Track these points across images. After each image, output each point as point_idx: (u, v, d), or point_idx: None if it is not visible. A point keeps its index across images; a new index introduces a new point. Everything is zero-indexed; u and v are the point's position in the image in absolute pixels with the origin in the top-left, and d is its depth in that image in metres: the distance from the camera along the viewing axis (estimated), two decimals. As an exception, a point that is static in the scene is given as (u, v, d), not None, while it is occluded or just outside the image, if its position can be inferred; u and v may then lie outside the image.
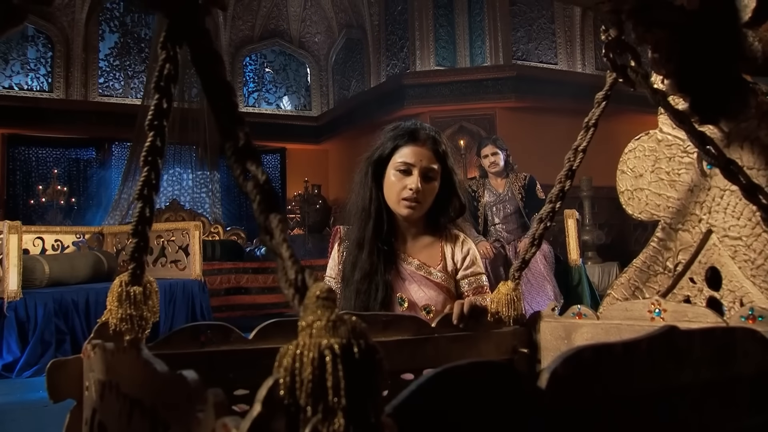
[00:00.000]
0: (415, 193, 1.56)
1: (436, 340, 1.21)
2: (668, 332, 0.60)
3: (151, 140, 0.84)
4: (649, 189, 1.32)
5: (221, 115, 0.58)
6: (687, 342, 0.62)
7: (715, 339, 0.65)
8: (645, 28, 1.12)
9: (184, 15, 0.74)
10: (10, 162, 9.86)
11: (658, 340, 0.59)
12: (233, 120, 0.57)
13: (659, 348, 0.60)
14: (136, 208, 0.91)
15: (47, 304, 3.13)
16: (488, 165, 4.75)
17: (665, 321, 1.10)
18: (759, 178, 1.11)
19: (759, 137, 1.11)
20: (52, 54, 10.08)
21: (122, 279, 0.96)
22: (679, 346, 0.61)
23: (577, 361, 0.54)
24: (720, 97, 1.16)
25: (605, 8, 1.09)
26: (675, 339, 0.61)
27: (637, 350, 0.58)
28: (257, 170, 0.52)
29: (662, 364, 0.60)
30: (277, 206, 0.50)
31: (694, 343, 0.63)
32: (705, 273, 1.21)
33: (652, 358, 0.59)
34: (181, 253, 4.45)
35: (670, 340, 0.60)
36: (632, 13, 1.10)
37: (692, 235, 1.23)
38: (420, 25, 9.34)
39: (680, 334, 0.61)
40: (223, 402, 0.45)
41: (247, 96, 12.33)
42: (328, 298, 0.44)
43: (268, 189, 0.51)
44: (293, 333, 1.15)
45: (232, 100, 0.58)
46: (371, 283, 1.56)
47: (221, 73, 0.62)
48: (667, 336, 0.60)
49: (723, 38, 1.15)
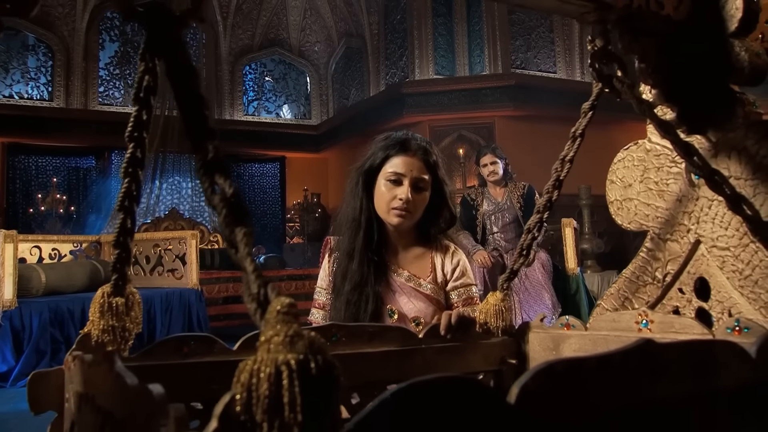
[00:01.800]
0: (405, 203, 1.56)
1: (423, 351, 1.20)
2: (644, 345, 0.60)
3: (131, 151, 0.84)
4: (638, 199, 1.32)
5: (192, 127, 0.57)
6: (663, 355, 0.61)
7: (693, 352, 0.64)
8: (631, 38, 1.12)
9: (162, 27, 0.74)
10: (10, 171, 9.87)
11: (633, 354, 0.59)
12: (204, 133, 0.57)
13: (635, 361, 0.59)
14: (117, 220, 0.91)
15: (43, 314, 3.13)
16: (487, 174, 4.75)
17: (652, 332, 1.10)
18: (746, 188, 1.10)
19: (746, 147, 1.10)
20: (53, 63, 10.12)
21: (104, 290, 0.95)
22: (656, 359, 0.61)
23: (548, 375, 0.53)
24: (707, 107, 1.15)
25: (591, 18, 1.09)
26: (651, 352, 0.60)
27: (611, 364, 0.58)
28: (225, 183, 0.52)
29: (638, 378, 0.59)
30: (243, 220, 0.50)
31: (670, 356, 0.62)
32: (694, 283, 1.21)
33: (627, 372, 0.59)
34: (179, 262, 4.44)
35: (645, 354, 0.60)
36: (618, 23, 1.10)
37: (681, 245, 1.22)
38: (419, 33, 9.37)
39: (656, 348, 0.60)
40: (184, 417, 0.45)
41: (246, 105, 12.35)
42: (289, 312, 0.43)
43: (235, 202, 0.51)
44: (278, 344, 1.13)
45: (203, 113, 0.58)
46: (361, 295, 1.56)
47: (195, 85, 0.62)
48: (642, 349, 0.59)
49: (710, 48, 1.14)
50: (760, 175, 1.08)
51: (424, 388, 0.46)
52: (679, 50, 1.14)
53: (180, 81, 0.63)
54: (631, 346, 0.60)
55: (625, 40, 1.12)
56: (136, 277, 4.72)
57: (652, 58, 1.13)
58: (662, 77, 1.14)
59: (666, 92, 1.15)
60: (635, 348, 0.60)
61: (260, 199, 12.43)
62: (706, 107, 1.15)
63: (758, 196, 1.08)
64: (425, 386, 0.47)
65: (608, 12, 1.08)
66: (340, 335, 1.14)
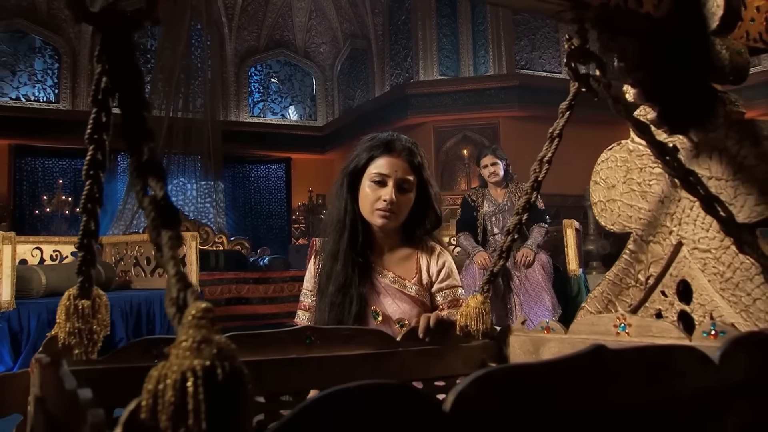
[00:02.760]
0: (389, 204, 1.54)
1: (400, 354, 1.19)
2: (594, 351, 0.58)
3: (91, 154, 0.83)
4: (621, 200, 1.30)
5: (130, 128, 0.56)
6: (617, 361, 0.60)
7: (649, 358, 0.62)
8: (609, 37, 1.10)
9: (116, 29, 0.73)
10: (17, 172, 9.94)
11: (581, 360, 0.57)
12: (141, 134, 0.56)
13: (584, 368, 0.57)
14: (81, 223, 0.90)
15: (41, 315, 3.13)
16: (488, 175, 4.72)
17: (630, 336, 1.08)
18: (727, 189, 1.08)
19: (726, 147, 1.08)
20: (59, 65, 10.19)
21: (70, 293, 0.95)
22: (608, 365, 0.59)
23: (487, 383, 0.51)
24: (689, 106, 1.13)
25: (567, 17, 1.07)
26: (602, 358, 0.58)
27: (557, 371, 0.56)
28: (157, 186, 0.51)
29: (588, 385, 0.58)
30: (171, 223, 0.49)
31: (624, 362, 0.60)
32: (676, 286, 1.19)
33: (576, 379, 0.57)
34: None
35: (596, 360, 0.58)
36: (596, 21, 1.08)
37: (663, 247, 1.20)
38: (423, 34, 9.36)
39: (609, 354, 0.59)
40: (100, 423, 0.44)
41: (252, 106, 12.39)
42: (203, 317, 0.42)
43: (164, 205, 0.50)
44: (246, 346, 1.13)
45: (143, 115, 0.57)
46: (345, 296, 1.54)
47: (139, 87, 0.61)
48: (593, 355, 0.58)
49: (691, 47, 1.12)
50: (740, 176, 1.06)
51: (349, 395, 0.45)
52: (660, 49, 1.12)
53: (124, 81, 0.62)
54: (580, 353, 0.58)
55: (603, 38, 1.10)
56: (137, 279, 4.73)
57: (631, 57, 1.11)
58: (642, 76, 1.12)
59: (646, 91, 1.13)
60: (585, 354, 0.58)
61: (266, 200, 12.45)
62: (688, 107, 1.13)
63: (739, 197, 1.06)
64: (350, 393, 0.45)
65: (585, 10, 1.06)
66: (314, 338, 1.13)
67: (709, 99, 1.12)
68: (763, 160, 1.03)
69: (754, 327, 1.04)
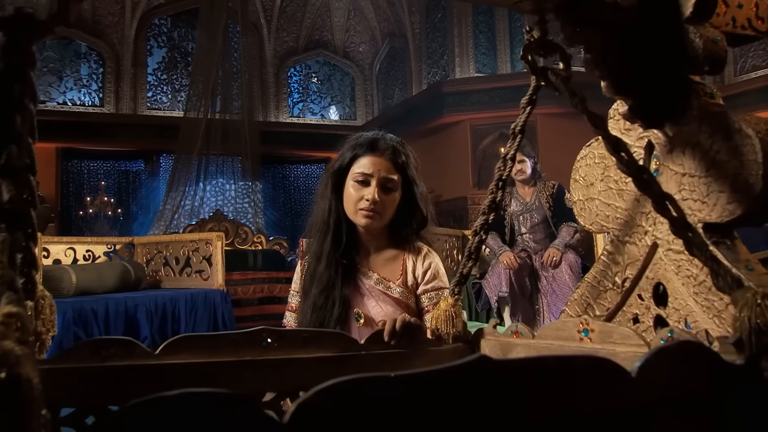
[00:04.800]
0: (372, 203, 1.51)
1: (362, 357, 1.16)
2: (473, 363, 0.54)
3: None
4: (599, 198, 1.24)
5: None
6: (501, 375, 0.55)
7: (543, 371, 0.58)
8: (573, 28, 1.04)
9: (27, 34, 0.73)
10: (63, 175, 10.29)
11: (456, 372, 0.53)
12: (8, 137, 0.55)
13: (458, 382, 0.53)
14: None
15: (66, 313, 3.22)
16: (515, 173, 4.63)
17: (592, 342, 1.03)
18: (700, 187, 1.02)
19: (699, 142, 1.02)
20: (103, 70, 10.51)
21: (13, 294, 0.95)
22: (489, 380, 0.55)
23: (333, 394, 0.49)
24: (662, 99, 1.07)
25: (526, 7, 1.02)
26: (482, 371, 0.54)
27: (422, 382, 0.52)
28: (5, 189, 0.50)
29: (462, 401, 0.54)
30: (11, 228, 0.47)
31: (511, 376, 0.56)
32: (652, 289, 1.12)
33: (445, 394, 0.53)
34: (205, 263, 4.51)
35: (473, 373, 0.54)
36: (558, 11, 1.03)
37: (638, 248, 1.14)
38: (459, 32, 9.26)
39: (490, 365, 0.55)
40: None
41: (291, 107, 12.50)
42: (2, 323, 0.40)
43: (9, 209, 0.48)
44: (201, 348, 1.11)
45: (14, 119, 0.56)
46: (328, 298, 1.52)
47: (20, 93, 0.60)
48: (469, 368, 0.54)
49: (663, 36, 1.06)
50: (713, 172, 1.00)
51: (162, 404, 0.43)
52: (629, 39, 1.06)
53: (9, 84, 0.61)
54: (457, 364, 0.54)
55: (566, 30, 1.04)
56: (166, 278, 4.82)
57: (598, 49, 1.06)
58: (610, 68, 1.06)
59: (615, 84, 1.07)
60: (461, 365, 0.54)
61: (305, 200, 12.54)
62: (661, 99, 1.07)
63: (711, 195, 1.00)
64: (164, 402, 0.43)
65: (545, 0, 1.02)
66: (271, 340, 1.11)
67: (684, 91, 1.06)
68: (735, 155, 0.96)
69: (726, 333, 0.97)
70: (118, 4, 10.36)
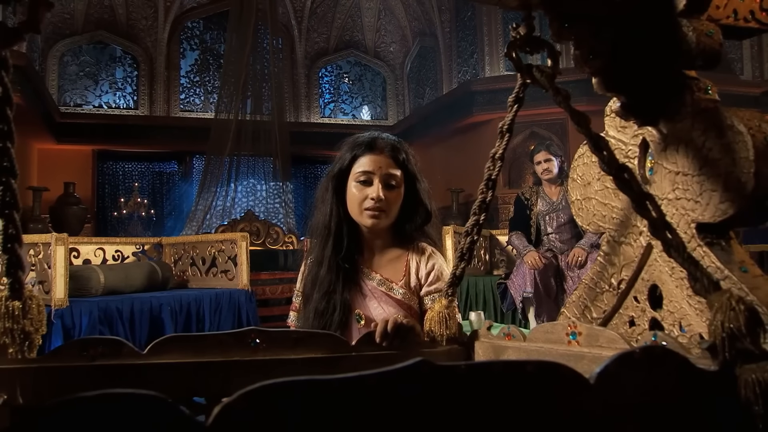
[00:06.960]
0: (377, 201, 1.50)
1: (352, 359, 1.15)
2: (412, 367, 0.53)
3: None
4: (596, 198, 1.21)
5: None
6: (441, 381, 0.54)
7: (488, 377, 0.56)
8: (560, 24, 1.02)
9: None
10: (99, 176, 10.52)
11: (390, 377, 0.52)
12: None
13: (395, 386, 0.52)
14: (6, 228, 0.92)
15: (92, 312, 3.29)
16: (541, 172, 4.57)
17: (580, 345, 1.00)
18: (693, 185, 0.99)
19: (692, 139, 0.98)
20: (137, 73, 10.71)
21: (1, 294, 0.97)
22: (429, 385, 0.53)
23: (261, 397, 0.48)
24: (654, 95, 1.04)
25: (512, 3, 1.00)
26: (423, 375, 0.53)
27: (360, 386, 0.51)
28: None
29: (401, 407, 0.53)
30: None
31: (453, 382, 0.55)
32: (648, 291, 1.09)
33: (383, 400, 0.52)
34: (230, 263, 4.56)
35: (413, 378, 0.53)
36: (545, 6, 1.01)
37: (634, 249, 1.11)
38: (489, 30, 9.17)
39: (429, 368, 0.53)
40: None
41: (323, 107, 12.55)
42: None
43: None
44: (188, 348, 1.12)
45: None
46: (329, 303, 1.52)
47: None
48: (409, 372, 0.53)
49: (656, 30, 1.03)
50: (706, 170, 0.96)
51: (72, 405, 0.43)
52: (619, 33, 1.03)
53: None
54: (398, 368, 0.53)
55: (554, 25, 1.02)
56: (193, 278, 4.89)
57: (587, 44, 1.03)
58: (600, 64, 1.03)
59: (607, 81, 1.04)
60: (401, 369, 0.53)
61: (337, 200, 12.56)
62: (653, 96, 1.04)
63: (704, 194, 0.96)
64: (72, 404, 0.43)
65: (531, -5, 0.99)
66: (259, 340, 1.11)
67: (677, 86, 1.02)
68: (727, 152, 0.93)
69: (719, 338, 0.94)
70: (152, 9, 10.55)
